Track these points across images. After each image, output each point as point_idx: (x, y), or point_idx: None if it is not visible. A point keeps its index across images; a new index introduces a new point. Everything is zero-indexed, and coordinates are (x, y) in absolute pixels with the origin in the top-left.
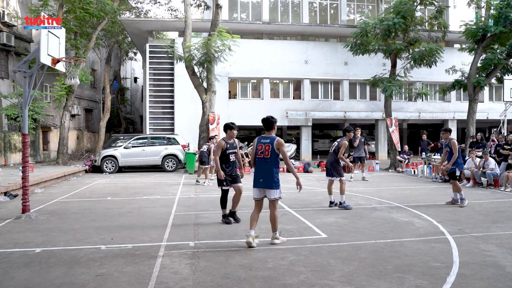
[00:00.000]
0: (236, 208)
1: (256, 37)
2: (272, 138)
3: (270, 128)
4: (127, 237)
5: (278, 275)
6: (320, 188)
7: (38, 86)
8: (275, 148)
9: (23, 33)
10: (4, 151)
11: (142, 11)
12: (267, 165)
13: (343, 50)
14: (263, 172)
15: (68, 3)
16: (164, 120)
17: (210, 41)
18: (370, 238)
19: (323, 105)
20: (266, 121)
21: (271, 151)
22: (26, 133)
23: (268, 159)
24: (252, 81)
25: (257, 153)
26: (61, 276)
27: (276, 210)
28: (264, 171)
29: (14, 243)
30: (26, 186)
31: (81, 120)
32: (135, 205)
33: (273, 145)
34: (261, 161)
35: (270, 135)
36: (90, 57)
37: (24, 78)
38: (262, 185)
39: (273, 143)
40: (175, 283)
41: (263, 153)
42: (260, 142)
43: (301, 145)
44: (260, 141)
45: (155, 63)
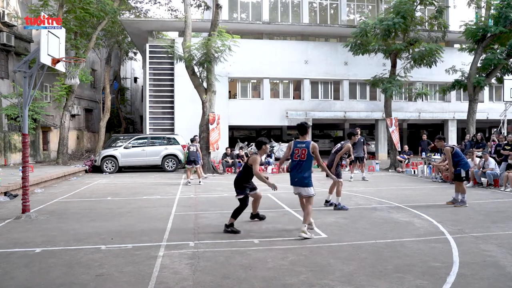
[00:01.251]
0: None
1: (256, 37)
2: (307, 143)
3: (305, 133)
4: (127, 237)
5: (278, 275)
6: (320, 188)
7: (38, 86)
8: (311, 152)
9: (23, 33)
10: (4, 151)
11: (142, 11)
12: (303, 166)
13: (343, 50)
14: (298, 172)
15: (68, 3)
16: (164, 120)
17: (210, 41)
18: (370, 238)
19: (323, 105)
20: (300, 126)
21: (307, 154)
22: (26, 133)
23: (304, 161)
24: (252, 81)
25: (294, 156)
26: (61, 276)
27: (311, 205)
28: (300, 171)
29: (14, 243)
30: (26, 186)
31: (81, 120)
32: (135, 205)
33: (309, 149)
34: (297, 163)
35: (304, 139)
36: (90, 57)
37: (24, 78)
38: (298, 184)
39: (308, 147)
40: (175, 283)
41: (300, 156)
42: (297, 146)
43: None
44: (296, 145)
45: (155, 63)
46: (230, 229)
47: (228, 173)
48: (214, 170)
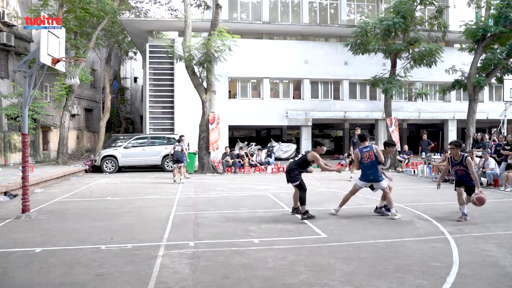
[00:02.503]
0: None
1: (256, 37)
2: (370, 146)
3: (364, 140)
4: (127, 237)
5: (278, 275)
6: (320, 188)
7: (38, 86)
8: (375, 152)
9: (23, 33)
10: (4, 151)
11: (142, 11)
12: (373, 165)
13: (343, 50)
14: (371, 170)
15: (68, 3)
16: (164, 120)
17: (210, 41)
18: (370, 238)
19: (323, 105)
20: (361, 136)
21: (374, 155)
22: (26, 133)
23: (373, 161)
24: (252, 81)
25: (364, 159)
26: (61, 276)
27: (388, 194)
28: (372, 170)
29: (14, 243)
30: (26, 186)
31: (81, 120)
32: (135, 205)
33: (373, 151)
34: (369, 164)
35: (365, 144)
36: (90, 57)
37: (24, 78)
38: (373, 180)
39: (372, 149)
40: (175, 283)
41: (369, 158)
42: (363, 151)
43: (301, 145)
44: (362, 151)
45: (155, 63)
46: (307, 215)
47: (228, 173)
48: (214, 170)
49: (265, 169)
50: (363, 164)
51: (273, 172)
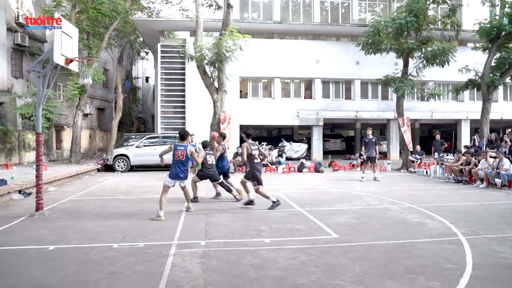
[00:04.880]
0: None
1: (267, 37)
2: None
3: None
4: (139, 236)
5: (289, 275)
6: (331, 188)
7: (52, 86)
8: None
9: (36, 33)
10: (18, 149)
11: (153, 11)
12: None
13: (354, 50)
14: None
15: (81, 4)
16: (175, 119)
17: (221, 40)
18: (381, 238)
19: (334, 104)
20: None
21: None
22: (40, 132)
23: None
24: (263, 81)
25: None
26: (74, 273)
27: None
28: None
29: (28, 241)
30: (39, 184)
31: (94, 119)
32: (147, 204)
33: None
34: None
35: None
36: (103, 56)
37: (38, 78)
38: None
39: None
40: (186, 282)
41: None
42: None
43: (312, 145)
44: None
45: (166, 62)
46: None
47: (239, 172)
48: None
49: (276, 169)
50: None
51: (284, 172)
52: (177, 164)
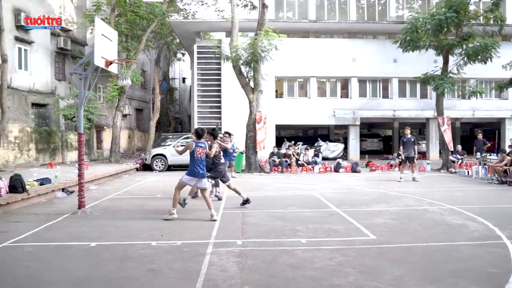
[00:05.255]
0: None
1: (303, 36)
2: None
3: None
4: (176, 234)
5: (325, 276)
6: (368, 189)
7: (92, 87)
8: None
9: (78, 37)
10: (61, 149)
11: (189, 13)
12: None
13: (392, 47)
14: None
15: (120, 7)
16: (211, 119)
17: (257, 40)
18: (421, 240)
19: (372, 103)
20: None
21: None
22: (81, 132)
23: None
24: (299, 80)
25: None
26: (114, 270)
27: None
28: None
29: (71, 237)
30: (82, 183)
31: (132, 120)
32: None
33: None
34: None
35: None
36: (141, 58)
37: (80, 80)
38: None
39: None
40: (222, 281)
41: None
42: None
43: (348, 145)
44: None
45: (202, 63)
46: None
47: (275, 172)
48: (261, 169)
49: (312, 169)
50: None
51: (320, 171)
52: (197, 162)
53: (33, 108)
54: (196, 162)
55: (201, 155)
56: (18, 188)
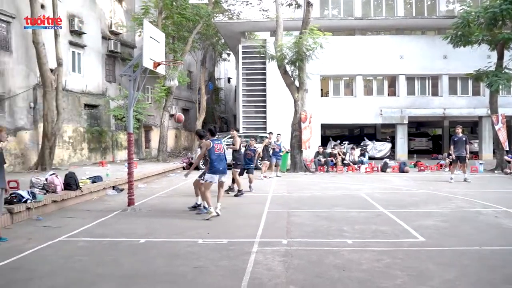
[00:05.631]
0: None
1: (348, 33)
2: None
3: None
4: (222, 232)
5: (372, 278)
6: (416, 189)
7: (141, 89)
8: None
9: (127, 40)
10: (112, 148)
11: (234, 13)
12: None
13: (442, 43)
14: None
15: (167, 10)
16: (256, 119)
17: (302, 39)
18: (473, 244)
19: (420, 101)
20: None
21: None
22: (131, 132)
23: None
24: (345, 79)
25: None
26: (162, 266)
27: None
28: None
29: (121, 233)
30: (131, 181)
31: None
32: (230, 201)
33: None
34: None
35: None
36: (187, 59)
37: (129, 81)
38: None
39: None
40: (268, 280)
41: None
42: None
43: (396, 144)
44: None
45: (247, 63)
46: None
47: (320, 172)
48: (306, 169)
49: (358, 169)
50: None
51: (366, 171)
52: (218, 158)
53: (85, 109)
54: (216, 158)
55: (220, 151)
56: (72, 185)
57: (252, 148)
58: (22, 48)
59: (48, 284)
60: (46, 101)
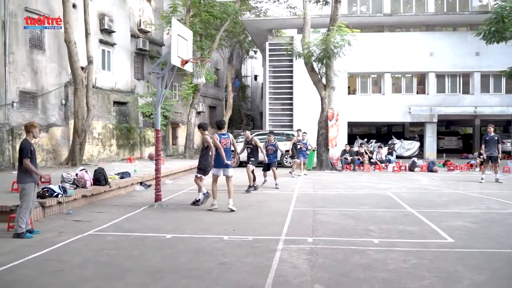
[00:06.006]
0: None
1: (377, 30)
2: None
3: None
4: (248, 229)
5: (399, 278)
6: (445, 189)
7: (169, 86)
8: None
9: (155, 38)
10: (139, 145)
11: (261, 11)
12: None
13: (474, 39)
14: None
15: (194, 8)
16: (283, 116)
17: (329, 36)
18: (505, 246)
19: (450, 100)
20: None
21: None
22: (158, 129)
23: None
24: (372, 76)
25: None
26: (188, 261)
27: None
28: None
29: (148, 228)
30: (158, 177)
31: (206, 117)
32: (256, 198)
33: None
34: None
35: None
36: (214, 57)
37: (157, 79)
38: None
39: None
40: (293, 278)
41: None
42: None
43: (424, 143)
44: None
45: (274, 60)
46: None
47: (347, 170)
48: (332, 167)
49: (385, 167)
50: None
51: (394, 170)
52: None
53: (114, 106)
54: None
55: (227, 145)
56: (101, 181)
57: (272, 143)
58: (55, 47)
59: (78, 276)
60: (77, 98)
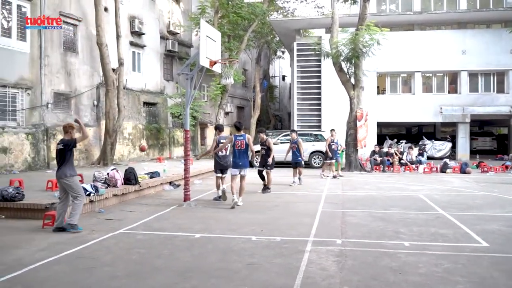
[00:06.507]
0: None
1: (407, 29)
2: (243, 136)
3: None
4: (276, 230)
5: (431, 283)
6: (479, 191)
7: (198, 87)
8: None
9: (184, 39)
10: (169, 145)
11: (289, 11)
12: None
13: (508, 37)
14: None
15: (223, 9)
16: (311, 116)
17: (358, 36)
18: None
19: (484, 99)
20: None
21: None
22: (187, 129)
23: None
24: (402, 76)
25: (236, 146)
26: (217, 261)
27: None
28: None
29: (177, 228)
30: (187, 177)
31: (234, 117)
32: (283, 199)
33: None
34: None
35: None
36: (242, 57)
37: (186, 80)
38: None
39: (245, 138)
40: (321, 279)
41: (240, 146)
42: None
43: (457, 143)
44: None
45: (302, 60)
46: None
47: (376, 171)
48: (361, 168)
49: (416, 169)
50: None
51: (425, 172)
52: (237, 153)
53: (144, 106)
54: (236, 154)
55: (241, 147)
56: (132, 180)
57: (294, 141)
58: (87, 49)
59: (109, 273)
60: (108, 99)
